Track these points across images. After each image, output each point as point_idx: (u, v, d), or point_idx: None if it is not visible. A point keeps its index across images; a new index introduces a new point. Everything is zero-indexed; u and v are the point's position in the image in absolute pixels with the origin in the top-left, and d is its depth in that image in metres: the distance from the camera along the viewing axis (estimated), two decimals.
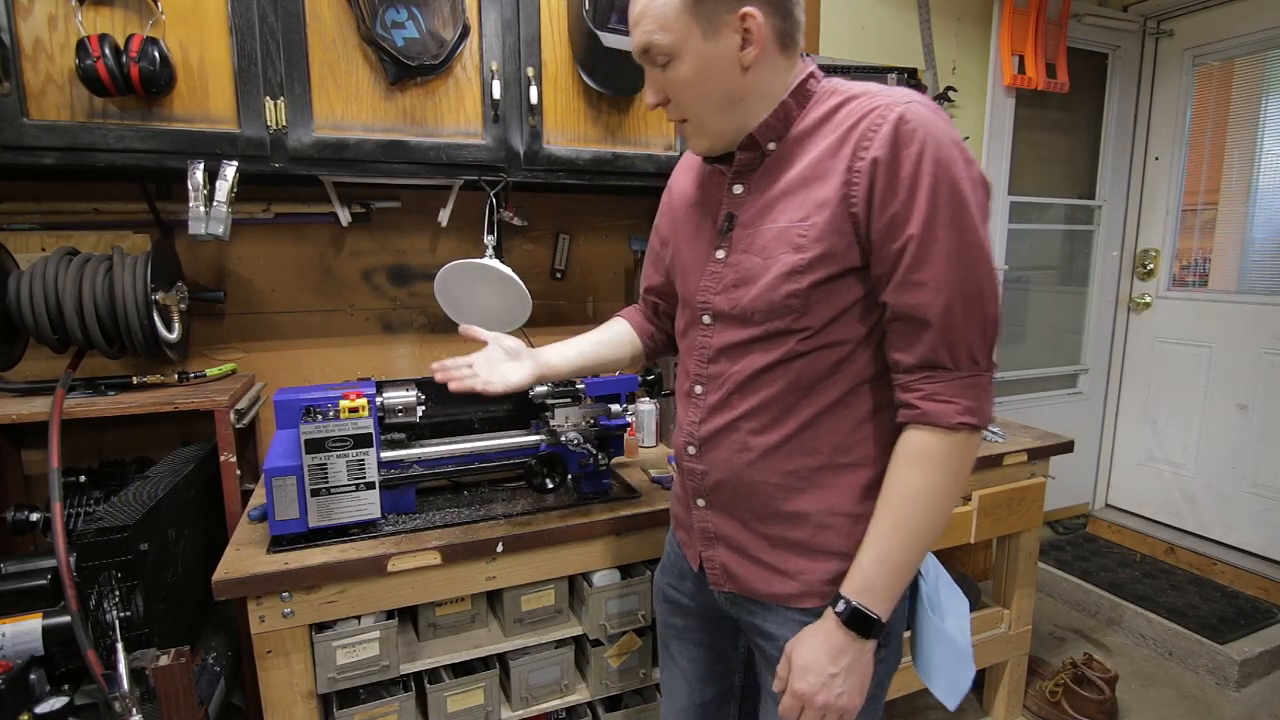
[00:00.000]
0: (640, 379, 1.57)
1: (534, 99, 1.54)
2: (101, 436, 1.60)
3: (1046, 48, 2.60)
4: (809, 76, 0.86)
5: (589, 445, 1.39)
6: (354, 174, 1.47)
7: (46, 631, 1.02)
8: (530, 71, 1.53)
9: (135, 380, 1.43)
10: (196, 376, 1.52)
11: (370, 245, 1.81)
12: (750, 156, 0.88)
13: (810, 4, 2.24)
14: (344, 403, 1.21)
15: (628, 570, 1.42)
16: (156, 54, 1.23)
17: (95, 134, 1.26)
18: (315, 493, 1.18)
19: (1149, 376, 2.99)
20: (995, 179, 2.65)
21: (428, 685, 1.30)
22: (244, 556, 1.17)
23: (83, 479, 1.44)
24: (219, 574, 1.11)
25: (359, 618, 1.22)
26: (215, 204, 1.33)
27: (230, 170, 1.33)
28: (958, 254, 0.76)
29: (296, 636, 1.17)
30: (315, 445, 1.16)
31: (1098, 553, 2.89)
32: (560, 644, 1.40)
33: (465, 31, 1.46)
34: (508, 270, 1.58)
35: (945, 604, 0.97)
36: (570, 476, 1.43)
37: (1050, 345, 3.02)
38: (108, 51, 1.20)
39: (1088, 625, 2.50)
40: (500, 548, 1.26)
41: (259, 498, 1.47)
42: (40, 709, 0.95)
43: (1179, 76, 2.82)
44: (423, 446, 1.35)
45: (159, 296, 1.39)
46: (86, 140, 1.26)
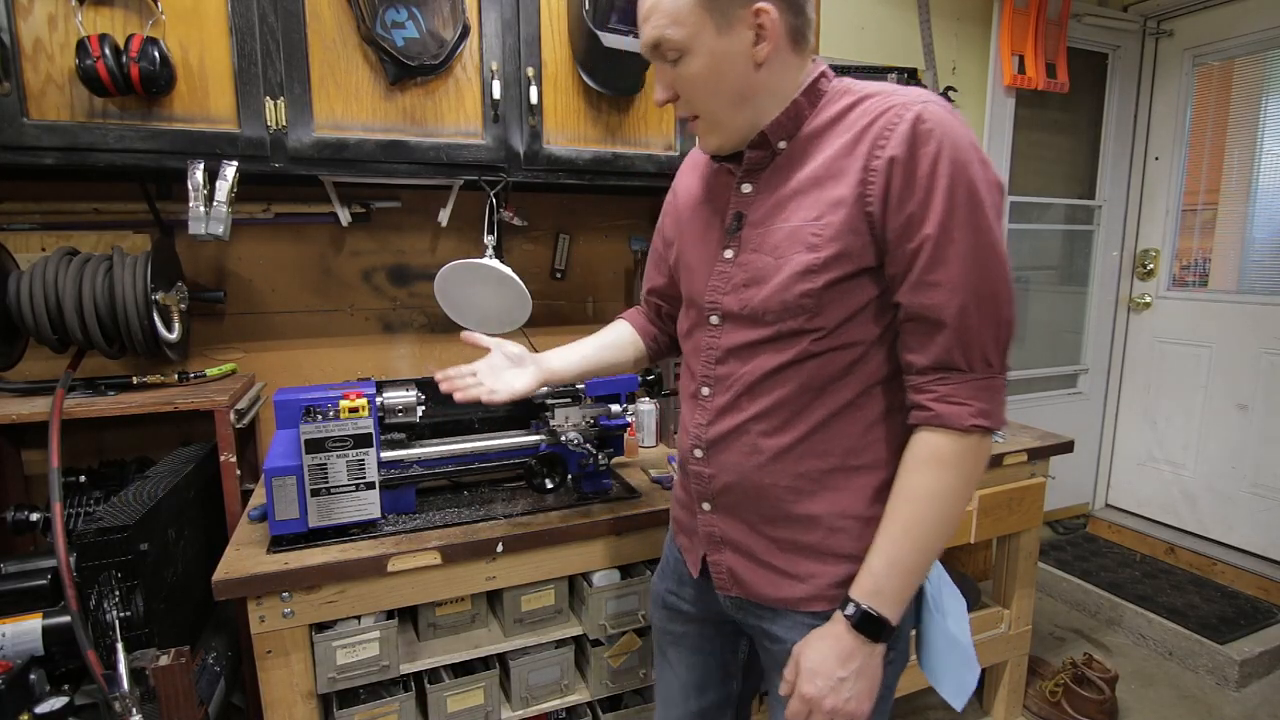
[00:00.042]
0: (640, 379, 1.57)
1: (534, 99, 1.54)
2: (101, 436, 1.60)
3: (1046, 48, 2.59)
4: (820, 76, 0.85)
5: (589, 445, 1.39)
6: (354, 174, 1.47)
7: (46, 631, 1.02)
8: (530, 71, 1.53)
9: (135, 380, 1.43)
10: (196, 376, 1.52)
11: (370, 245, 1.81)
12: (760, 155, 0.87)
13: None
14: (344, 403, 1.21)
15: (628, 570, 1.42)
16: (156, 54, 1.23)
17: (95, 134, 1.26)
18: (315, 493, 1.18)
19: (1149, 376, 2.99)
20: None
21: (428, 685, 1.30)
22: (244, 556, 1.17)
23: (83, 479, 1.44)
24: (219, 574, 1.11)
25: (359, 618, 1.22)
26: (215, 204, 1.33)
27: (230, 170, 1.33)
28: (974, 255, 0.76)
29: (296, 636, 1.17)
30: (315, 445, 1.16)
31: (1098, 553, 2.89)
32: (560, 644, 1.40)
33: (465, 31, 1.46)
34: (508, 270, 1.58)
35: (946, 604, 0.97)
36: (570, 476, 1.43)
37: (1050, 345, 3.02)
38: (108, 51, 1.20)
39: (1088, 625, 2.50)
40: (500, 548, 1.26)
41: (259, 498, 1.47)
42: (40, 709, 0.95)
43: (1179, 76, 2.82)
44: (423, 446, 1.36)
45: (159, 296, 1.39)
46: (86, 140, 1.26)
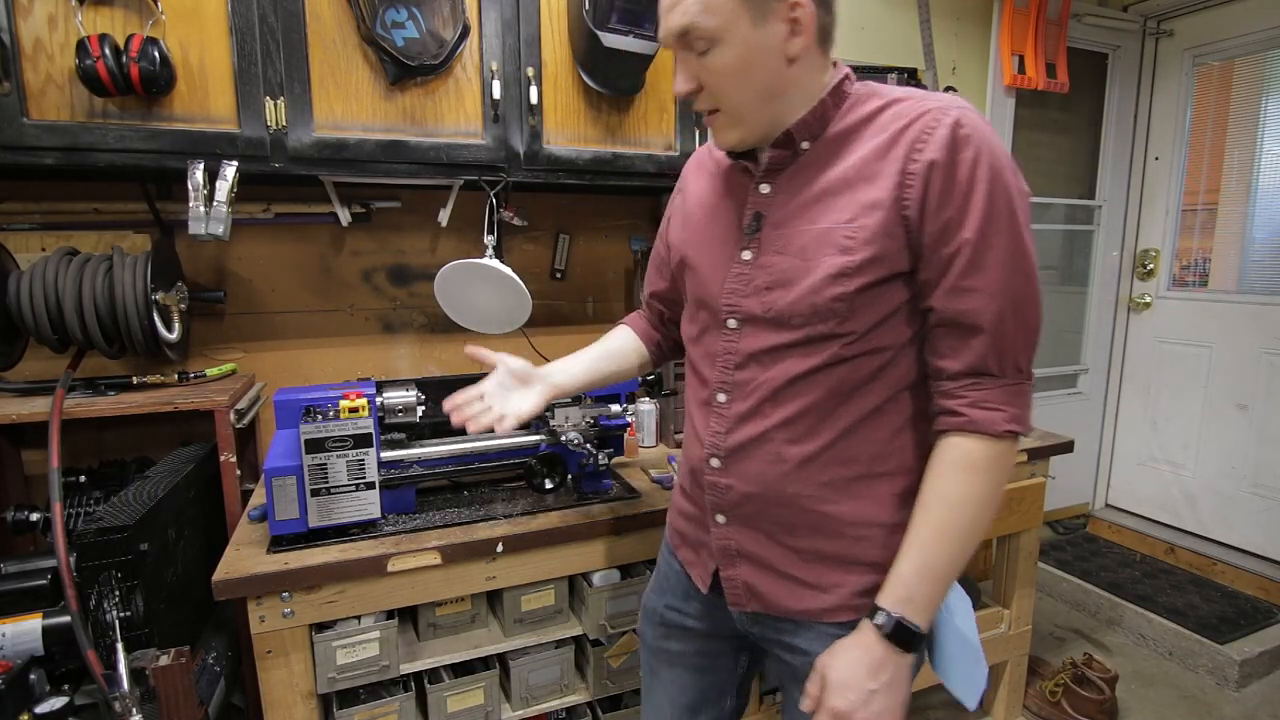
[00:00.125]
0: (640, 379, 1.57)
1: (534, 99, 1.54)
2: (101, 436, 1.60)
3: (1046, 48, 2.59)
4: (845, 78, 0.85)
5: (589, 445, 1.39)
6: (354, 174, 1.47)
7: (46, 631, 1.02)
8: (530, 71, 1.53)
9: (135, 380, 1.43)
10: (196, 376, 1.52)
11: (370, 245, 1.81)
12: (782, 155, 0.84)
13: None
14: (344, 403, 1.21)
15: (628, 570, 1.42)
16: (156, 54, 1.23)
17: (95, 134, 1.26)
18: (315, 493, 1.18)
19: (1149, 376, 2.99)
20: None
21: (428, 685, 1.30)
22: (244, 556, 1.17)
23: (83, 479, 1.44)
24: (219, 574, 1.11)
25: (359, 618, 1.22)
26: (215, 204, 1.33)
27: (230, 170, 1.33)
28: (1010, 261, 0.76)
29: (296, 636, 1.17)
30: (315, 445, 1.16)
31: (1098, 553, 2.89)
32: (560, 644, 1.40)
33: (465, 31, 1.46)
34: (508, 270, 1.58)
35: (953, 602, 0.97)
36: (570, 476, 1.43)
37: (1050, 345, 3.02)
38: (108, 51, 1.20)
39: (1088, 625, 2.50)
40: (500, 548, 1.26)
41: (259, 498, 1.47)
42: (40, 709, 0.95)
43: (1179, 76, 2.82)
44: (423, 446, 1.36)
45: (159, 296, 1.39)
46: (86, 140, 1.26)
